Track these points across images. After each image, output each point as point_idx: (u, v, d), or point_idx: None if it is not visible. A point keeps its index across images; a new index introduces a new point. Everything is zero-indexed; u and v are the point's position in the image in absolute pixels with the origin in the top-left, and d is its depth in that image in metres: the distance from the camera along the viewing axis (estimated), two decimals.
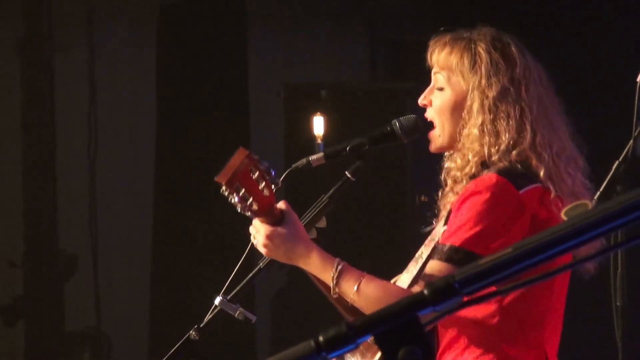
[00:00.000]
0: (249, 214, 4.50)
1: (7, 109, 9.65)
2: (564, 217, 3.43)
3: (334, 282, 4.33)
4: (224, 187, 4.48)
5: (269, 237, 4.47)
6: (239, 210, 4.52)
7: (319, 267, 4.47)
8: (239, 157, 4.48)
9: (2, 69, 9.77)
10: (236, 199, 4.42)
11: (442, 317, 2.26)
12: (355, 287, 4.38)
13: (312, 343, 2.19)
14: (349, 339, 2.18)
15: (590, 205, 4.16)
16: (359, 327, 2.19)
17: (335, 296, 4.57)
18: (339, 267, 4.35)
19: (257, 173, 4.47)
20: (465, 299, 2.46)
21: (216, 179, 4.46)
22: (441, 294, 2.21)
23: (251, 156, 4.48)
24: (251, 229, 4.55)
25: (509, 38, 4.66)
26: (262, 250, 4.55)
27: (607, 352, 6.48)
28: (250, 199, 4.44)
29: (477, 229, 4.39)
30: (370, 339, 2.25)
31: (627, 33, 8.95)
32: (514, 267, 2.26)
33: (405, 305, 2.21)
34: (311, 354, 2.18)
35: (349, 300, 4.66)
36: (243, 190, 4.42)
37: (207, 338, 4.45)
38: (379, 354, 4.81)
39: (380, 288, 4.46)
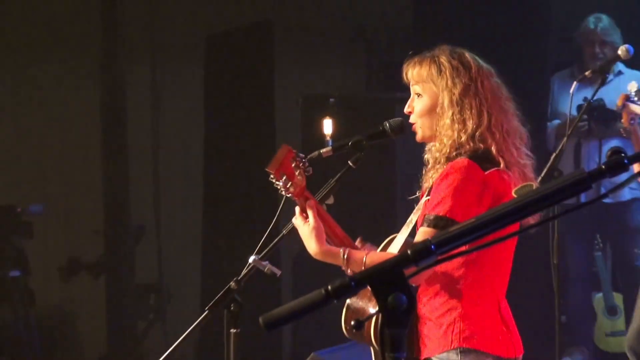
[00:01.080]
0: (289, 195, 4.50)
1: (90, 114, 9.68)
2: (514, 195, 3.45)
3: (345, 266, 4.33)
4: (272, 175, 4.49)
5: (304, 233, 4.45)
6: (281, 192, 4.54)
7: (330, 258, 4.43)
8: (283, 152, 4.53)
9: (88, 83, 9.76)
10: (280, 183, 4.44)
11: (421, 272, 2.23)
12: (363, 265, 4.32)
13: (323, 291, 2.27)
14: (350, 288, 2.26)
15: (534, 186, 4.17)
16: (358, 279, 2.28)
17: (349, 273, 4.45)
18: (345, 255, 4.34)
19: (294, 163, 4.52)
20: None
21: (267, 168, 4.48)
22: (420, 254, 2.28)
23: (291, 150, 4.56)
24: (296, 221, 4.52)
25: (461, 49, 4.65)
26: (305, 229, 4.50)
27: (547, 298, 6.51)
28: (290, 183, 4.46)
29: (456, 201, 4.34)
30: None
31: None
32: (475, 234, 2.34)
33: (393, 262, 2.28)
34: (321, 299, 2.26)
35: None
36: (285, 177, 4.45)
37: (243, 288, 4.42)
38: None
39: (381, 258, 4.34)
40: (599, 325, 8.86)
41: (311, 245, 4.49)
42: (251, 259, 4.59)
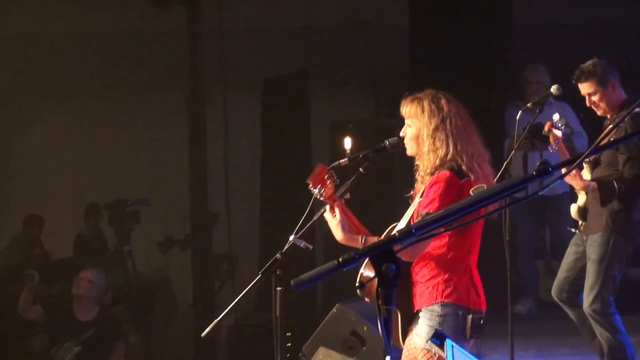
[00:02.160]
0: (321, 199, 4.51)
1: (180, 136, 9.66)
2: (471, 193, 3.46)
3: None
4: (310, 185, 4.54)
5: (332, 225, 4.46)
6: (316, 196, 4.55)
7: (352, 242, 4.41)
8: (318, 169, 4.56)
9: (178, 111, 9.76)
10: (315, 191, 4.50)
11: (405, 248, 2.32)
12: None
13: (335, 262, 2.26)
14: (354, 259, 2.25)
15: (486, 187, 4.14)
16: (361, 253, 2.26)
17: None
18: (363, 240, 4.36)
19: (326, 176, 4.53)
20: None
21: (307, 180, 4.54)
22: (404, 235, 2.28)
23: (325, 167, 4.56)
24: (326, 215, 4.55)
25: (440, 93, 4.60)
26: (334, 222, 4.53)
27: (500, 269, 6.36)
28: (322, 190, 4.50)
29: (441, 201, 4.28)
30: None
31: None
32: (443, 221, 2.32)
33: (386, 241, 2.26)
34: (335, 267, 2.25)
35: None
36: (319, 185, 4.50)
37: (285, 259, 4.41)
38: None
39: None
40: (541, 282, 8.86)
41: (337, 234, 4.47)
42: (291, 237, 4.59)
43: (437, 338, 2.78)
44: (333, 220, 4.52)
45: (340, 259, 2.25)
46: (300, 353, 6.59)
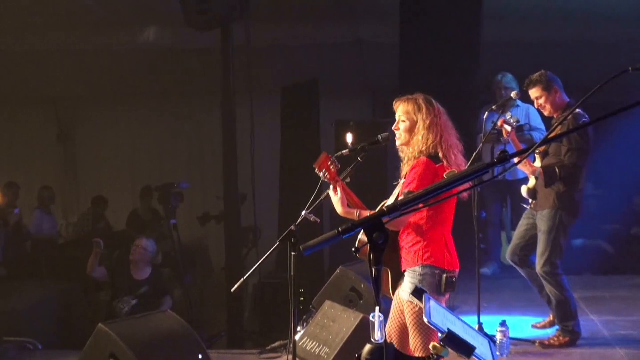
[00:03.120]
0: (325, 180, 4.46)
1: (216, 133, 9.62)
2: (445, 176, 3.44)
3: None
4: (316, 169, 4.48)
5: (334, 200, 4.41)
6: (321, 177, 4.49)
7: (350, 215, 4.35)
8: (322, 156, 4.49)
9: (213, 112, 9.75)
10: (321, 174, 4.44)
11: (392, 220, 2.32)
12: None
13: (335, 230, 2.25)
14: (351, 228, 2.23)
15: (457, 172, 4.12)
16: (357, 223, 2.24)
17: None
18: (357, 214, 4.30)
19: (329, 161, 4.47)
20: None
21: (314, 165, 4.49)
22: (391, 210, 2.26)
23: (327, 155, 4.51)
24: (330, 193, 4.51)
25: (429, 97, 4.54)
26: (336, 198, 4.47)
27: (471, 238, 6.31)
28: (326, 174, 4.44)
29: (420, 182, 4.23)
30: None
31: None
32: (422, 198, 2.29)
33: (376, 214, 2.25)
34: (335, 235, 2.23)
35: None
36: (324, 170, 4.44)
37: (298, 230, 4.41)
38: None
39: None
40: (503, 249, 8.83)
41: (338, 208, 4.40)
42: (303, 212, 4.57)
43: (417, 292, 2.76)
44: (335, 197, 4.45)
45: (340, 229, 2.23)
46: (310, 305, 6.59)
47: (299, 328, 5.99)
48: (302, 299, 7.39)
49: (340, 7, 9.92)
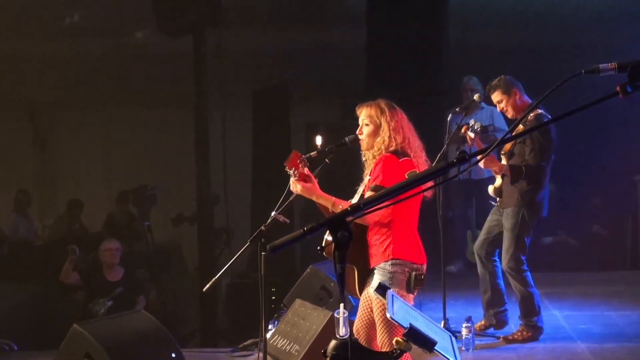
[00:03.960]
0: (295, 178, 4.39)
1: (188, 137, 9.58)
2: (406, 176, 3.46)
3: (331, 208, 4.25)
4: (286, 167, 4.42)
5: (302, 188, 4.39)
6: (291, 176, 4.43)
7: (323, 201, 4.35)
8: (292, 155, 4.45)
9: (187, 117, 9.67)
10: (290, 172, 4.39)
11: (355, 219, 2.28)
12: (341, 208, 4.21)
13: (301, 230, 2.22)
14: (317, 228, 2.21)
15: (418, 172, 4.14)
16: (322, 223, 2.22)
17: (332, 212, 4.40)
18: (332, 200, 4.26)
19: (298, 160, 4.41)
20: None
21: (284, 163, 4.43)
22: (355, 209, 2.24)
23: (298, 153, 4.45)
24: (291, 183, 4.42)
25: (390, 102, 4.55)
26: (297, 190, 4.42)
27: (436, 237, 6.29)
28: (296, 172, 4.39)
29: (385, 176, 4.25)
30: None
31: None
32: (384, 199, 2.25)
33: (340, 214, 2.22)
34: (301, 235, 2.21)
35: None
36: (293, 168, 4.39)
37: (269, 230, 4.39)
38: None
39: (347, 206, 4.27)
40: (469, 248, 8.87)
41: (312, 193, 4.38)
42: (273, 213, 4.56)
43: (380, 288, 2.75)
44: (303, 187, 4.45)
45: (305, 228, 2.20)
46: (281, 304, 6.58)
47: (270, 326, 5.96)
48: (273, 297, 7.37)
49: (309, 13, 9.94)
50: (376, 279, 4.28)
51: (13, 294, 9.22)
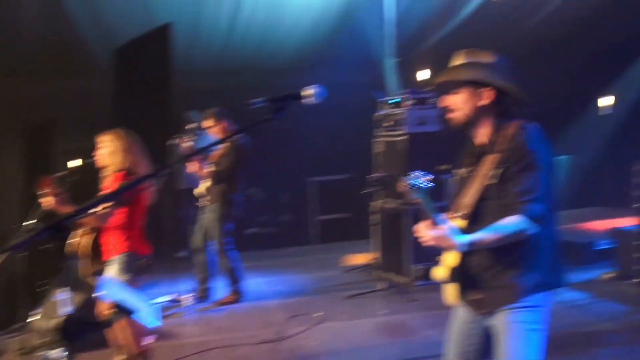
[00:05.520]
0: (47, 197, 4.03)
1: None
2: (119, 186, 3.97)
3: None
4: (39, 191, 4.09)
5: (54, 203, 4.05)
6: (44, 195, 4.05)
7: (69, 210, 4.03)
8: (43, 179, 4.12)
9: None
10: (42, 192, 4.02)
11: (91, 217, 2.11)
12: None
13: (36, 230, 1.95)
14: (47, 229, 1.94)
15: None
16: (49, 226, 1.95)
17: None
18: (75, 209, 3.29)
19: (49, 183, 4.08)
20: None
21: (36, 188, 4.06)
22: (78, 212, 2.10)
23: (48, 178, 4.14)
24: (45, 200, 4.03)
25: (125, 130, 4.52)
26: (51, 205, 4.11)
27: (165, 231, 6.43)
28: (47, 192, 4.06)
29: (116, 188, 4.17)
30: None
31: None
32: (103, 201, 2.26)
33: (58, 220, 1.96)
34: (39, 234, 1.92)
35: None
36: (45, 190, 4.12)
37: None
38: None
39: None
40: (192, 238, 7.49)
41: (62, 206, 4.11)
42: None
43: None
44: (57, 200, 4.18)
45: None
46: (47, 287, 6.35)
47: (36, 310, 5.88)
48: (38, 290, 6.96)
49: (60, 65, 9.41)
50: (113, 268, 4.41)
51: None
